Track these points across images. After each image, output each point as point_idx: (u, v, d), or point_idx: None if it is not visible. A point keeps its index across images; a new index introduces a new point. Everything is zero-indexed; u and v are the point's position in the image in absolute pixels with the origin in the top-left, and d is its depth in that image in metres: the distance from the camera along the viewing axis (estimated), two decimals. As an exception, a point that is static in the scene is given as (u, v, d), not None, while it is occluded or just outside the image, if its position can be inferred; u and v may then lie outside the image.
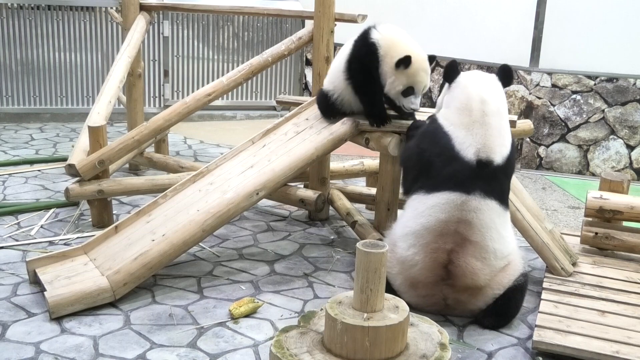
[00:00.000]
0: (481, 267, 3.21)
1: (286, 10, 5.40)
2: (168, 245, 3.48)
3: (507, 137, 3.30)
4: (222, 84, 4.74)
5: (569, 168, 6.43)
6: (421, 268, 3.26)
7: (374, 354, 2.14)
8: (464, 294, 3.28)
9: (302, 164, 3.90)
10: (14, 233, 4.25)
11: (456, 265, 3.20)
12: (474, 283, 3.23)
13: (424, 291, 3.32)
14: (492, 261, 3.22)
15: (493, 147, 3.20)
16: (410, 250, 3.28)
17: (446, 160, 3.23)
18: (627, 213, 3.91)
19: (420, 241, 3.25)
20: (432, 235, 3.22)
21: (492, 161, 3.20)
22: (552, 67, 6.39)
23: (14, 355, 2.90)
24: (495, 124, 3.23)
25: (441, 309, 3.36)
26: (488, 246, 3.21)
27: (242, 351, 3.01)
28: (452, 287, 3.26)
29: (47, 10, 7.19)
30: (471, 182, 3.17)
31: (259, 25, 7.96)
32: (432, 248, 3.22)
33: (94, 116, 4.57)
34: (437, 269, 3.23)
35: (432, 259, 3.22)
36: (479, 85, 3.33)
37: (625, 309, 3.35)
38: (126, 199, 4.95)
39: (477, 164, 3.18)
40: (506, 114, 3.36)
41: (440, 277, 3.24)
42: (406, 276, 3.33)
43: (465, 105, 3.27)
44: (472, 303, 3.31)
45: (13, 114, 7.29)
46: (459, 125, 3.25)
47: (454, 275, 3.22)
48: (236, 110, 8.08)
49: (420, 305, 3.32)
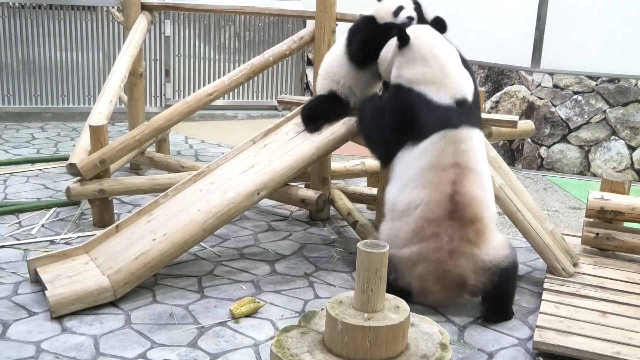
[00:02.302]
0: (483, 196, 3.34)
1: (288, 10, 5.39)
2: (169, 245, 3.48)
3: (467, 75, 3.56)
4: (224, 84, 4.74)
5: (570, 169, 6.43)
6: (427, 203, 3.30)
7: (374, 354, 2.14)
8: (470, 230, 3.28)
9: (303, 164, 3.90)
10: (15, 232, 4.25)
11: (462, 194, 3.28)
12: (480, 213, 3.29)
13: (430, 231, 3.29)
14: (489, 193, 3.40)
15: (462, 88, 3.48)
16: (414, 193, 3.36)
17: (428, 111, 3.43)
18: (628, 214, 3.91)
19: (422, 181, 3.35)
20: (432, 173, 3.34)
21: (467, 99, 3.48)
22: (553, 68, 6.38)
23: (14, 354, 2.90)
24: (454, 70, 3.51)
25: (444, 262, 3.27)
26: (485, 173, 3.44)
27: (242, 351, 3.01)
28: (459, 221, 3.27)
29: (49, 10, 7.19)
30: (456, 119, 3.40)
31: (260, 25, 7.96)
32: (436, 182, 3.31)
33: (95, 115, 4.57)
34: (443, 202, 3.28)
35: (437, 191, 3.30)
36: (428, 43, 3.57)
37: (626, 309, 3.34)
38: (127, 198, 4.95)
39: (457, 104, 3.43)
40: (457, 56, 3.60)
41: (447, 210, 3.28)
42: (411, 223, 3.34)
43: (423, 65, 3.50)
44: (476, 246, 3.29)
45: (14, 113, 7.29)
46: (426, 82, 3.47)
47: (461, 205, 3.27)
48: (237, 110, 8.08)
49: (422, 257, 3.29)
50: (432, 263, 3.29)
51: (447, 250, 3.28)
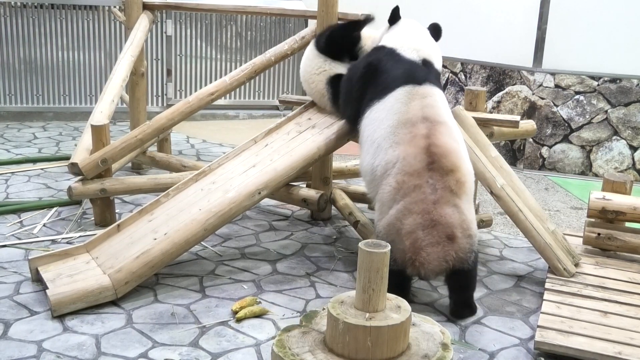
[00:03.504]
0: (457, 147, 3.39)
1: (289, 10, 5.39)
2: (170, 244, 3.48)
3: (440, 58, 3.85)
4: (225, 83, 4.74)
5: (572, 169, 6.42)
6: (404, 158, 3.32)
7: (375, 353, 2.14)
8: (451, 178, 3.27)
9: (304, 164, 3.90)
10: (16, 231, 4.25)
11: (437, 146, 3.32)
12: (457, 162, 3.31)
13: (411, 184, 3.27)
14: (462, 146, 3.45)
15: (431, 54, 3.74)
16: (389, 152, 3.40)
17: (395, 64, 3.63)
18: (629, 214, 3.90)
19: (395, 139, 3.41)
20: (404, 128, 3.40)
21: (432, 63, 3.72)
22: (555, 68, 6.38)
23: (16, 354, 2.91)
24: (431, 45, 3.81)
25: (430, 212, 3.23)
26: (455, 127, 3.53)
27: (244, 350, 3.01)
28: (438, 170, 3.27)
29: (50, 9, 7.19)
30: (421, 75, 3.58)
31: (262, 25, 7.96)
32: (409, 138, 3.36)
33: (97, 115, 4.58)
34: (420, 154, 3.30)
35: (412, 146, 3.34)
36: (414, 24, 3.88)
37: (627, 309, 3.34)
38: (129, 197, 4.95)
39: (423, 63, 3.67)
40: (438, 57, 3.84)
41: (425, 162, 3.29)
42: (391, 181, 3.33)
43: (406, 31, 3.83)
44: (458, 197, 3.27)
45: (16, 113, 7.30)
46: (400, 43, 3.75)
47: (437, 155, 3.29)
48: (239, 110, 8.08)
49: (408, 211, 3.25)
50: (418, 215, 3.23)
51: (431, 200, 3.25)
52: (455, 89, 6.96)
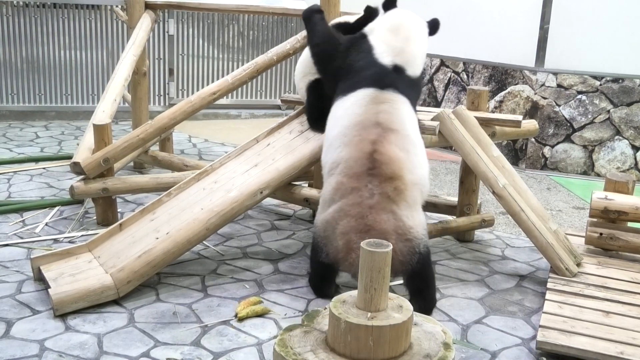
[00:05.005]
0: (404, 157, 3.35)
1: (291, 9, 5.39)
2: (172, 244, 3.48)
3: (420, 63, 3.75)
4: (227, 83, 4.74)
5: (574, 168, 6.42)
6: (347, 160, 3.34)
7: (377, 353, 2.13)
8: (389, 185, 3.26)
9: (306, 163, 3.90)
10: (18, 231, 4.26)
11: (381, 153, 3.31)
12: (399, 172, 3.29)
13: (349, 186, 3.29)
14: (412, 156, 3.40)
15: (407, 61, 3.65)
16: (337, 152, 3.42)
17: (365, 64, 3.62)
18: (632, 214, 3.90)
19: (344, 140, 3.42)
20: (354, 131, 3.40)
21: (405, 69, 3.64)
22: (557, 67, 6.37)
23: (18, 353, 2.91)
24: (412, 49, 3.69)
25: (365, 216, 3.22)
26: (409, 136, 3.45)
27: (245, 350, 3.01)
28: (378, 177, 3.27)
29: (53, 9, 7.20)
30: (386, 80, 3.55)
31: (264, 24, 7.97)
32: (357, 141, 3.37)
33: (99, 114, 4.58)
34: (362, 159, 3.31)
35: (357, 149, 3.34)
36: (410, 18, 3.81)
37: (630, 309, 3.34)
38: (131, 197, 4.96)
39: (393, 69, 3.61)
40: (424, 50, 3.79)
41: (366, 167, 3.30)
42: (332, 181, 3.37)
43: (393, 27, 3.73)
44: (396, 204, 3.25)
45: (18, 112, 7.31)
46: (383, 40, 3.68)
47: (379, 162, 3.29)
48: (241, 109, 8.09)
49: (344, 213, 3.26)
50: (352, 218, 3.25)
51: (367, 205, 3.25)
52: (458, 89, 6.96)
